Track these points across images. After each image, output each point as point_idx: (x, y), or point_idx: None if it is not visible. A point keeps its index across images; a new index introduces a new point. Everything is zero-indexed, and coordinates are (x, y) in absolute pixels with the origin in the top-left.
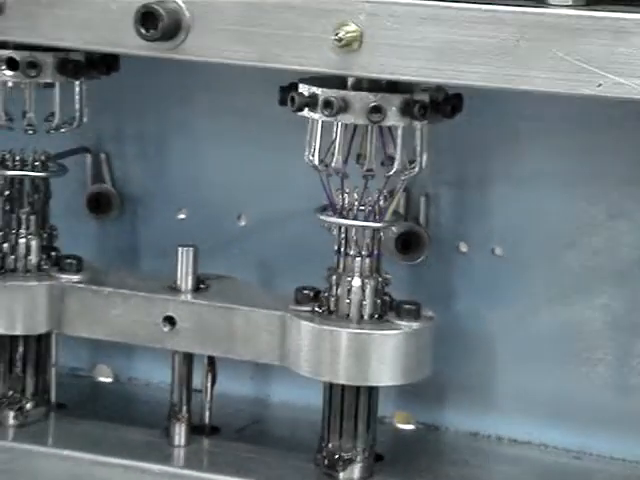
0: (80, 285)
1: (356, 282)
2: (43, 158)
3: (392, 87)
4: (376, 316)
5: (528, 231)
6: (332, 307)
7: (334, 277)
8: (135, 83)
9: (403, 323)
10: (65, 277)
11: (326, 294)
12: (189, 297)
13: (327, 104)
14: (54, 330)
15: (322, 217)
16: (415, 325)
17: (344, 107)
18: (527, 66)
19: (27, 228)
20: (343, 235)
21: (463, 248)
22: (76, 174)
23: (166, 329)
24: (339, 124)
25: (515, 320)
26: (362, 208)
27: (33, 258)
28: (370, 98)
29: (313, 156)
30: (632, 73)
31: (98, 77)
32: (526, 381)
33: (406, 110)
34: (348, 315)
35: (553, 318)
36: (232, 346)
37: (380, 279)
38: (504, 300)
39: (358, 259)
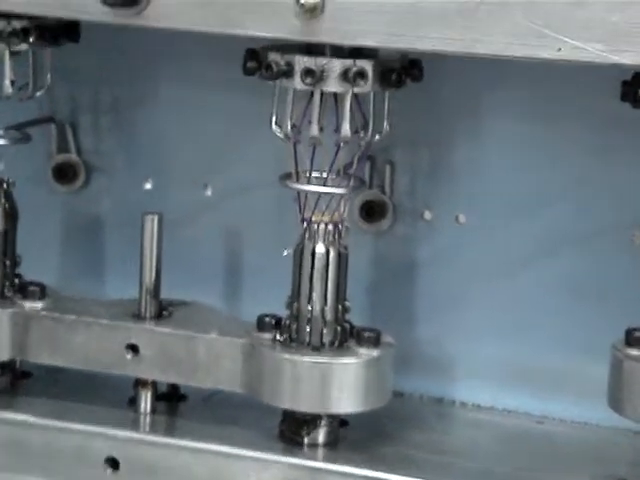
0: (43, 313)
1: (320, 249)
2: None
3: (356, 52)
4: (336, 343)
5: (491, 198)
6: (293, 335)
7: (294, 304)
8: (99, 52)
9: (363, 351)
10: (28, 304)
11: (287, 322)
12: (152, 325)
13: (308, 73)
14: (17, 357)
15: (289, 184)
16: (375, 352)
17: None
18: (487, 31)
19: None
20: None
21: (427, 216)
22: (42, 144)
23: (129, 356)
24: (316, 92)
25: (478, 287)
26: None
27: None
28: (347, 64)
29: (281, 125)
30: (591, 37)
31: (46, 46)
32: (490, 348)
33: (382, 77)
34: (309, 343)
35: (514, 285)
36: (195, 373)
37: (341, 306)
38: (467, 268)
39: (322, 226)
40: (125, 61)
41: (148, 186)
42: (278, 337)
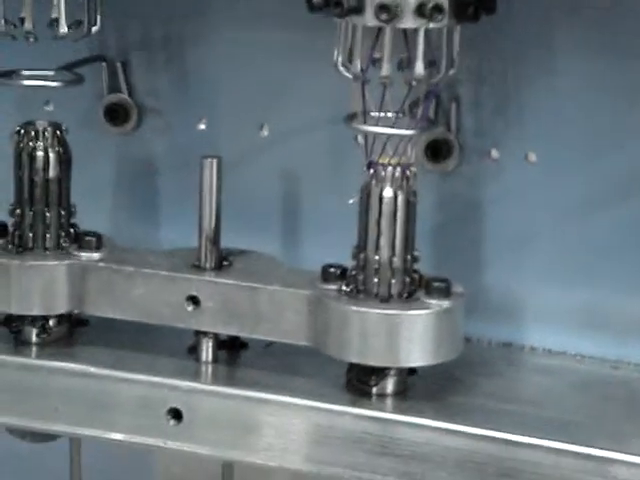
0: (101, 264)
1: (387, 192)
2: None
3: None
4: (405, 295)
5: (563, 136)
6: (360, 286)
7: (361, 254)
8: None
9: (433, 302)
10: (85, 255)
11: (353, 272)
12: (213, 275)
13: (382, 8)
14: (75, 309)
15: (357, 126)
16: (446, 303)
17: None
18: None
19: (46, 205)
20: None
21: (495, 154)
22: (91, 84)
23: (190, 308)
24: (389, 29)
25: (549, 228)
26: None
27: (52, 236)
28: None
29: (350, 64)
30: None
31: None
32: (561, 290)
33: (458, 10)
34: (377, 294)
35: (587, 225)
36: (257, 326)
37: (409, 255)
38: (536, 208)
39: (390, 170)
40: None
41: (202, 126)
42: (344, 288)
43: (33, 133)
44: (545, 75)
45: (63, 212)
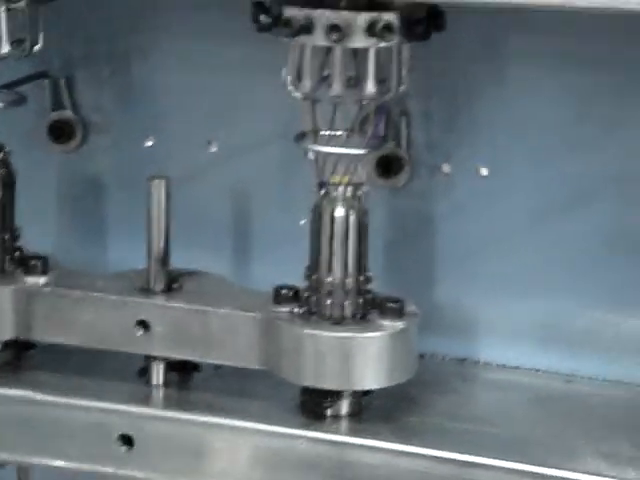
0: (47, 289)
1: (339, 212)
2: None
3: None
4: (358, 316)
5: (513, 149)
6: (312, 308)
7: (313, 276)
8: (96, 5)
9: (387, 323)
10: (31, 280)
11: (306, 294)
12: (162, 299)
13: (333, 28)
14: (20, 336)
15: (307, 145)
16: (400, 324)
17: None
18: None
19: None
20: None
21: (446, 169)
22: (35, 101)
23: (140, 333)
24: (339, 48)
25: (501, 242)
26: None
27: None
28: (373, 17)
29: (300, 84)
30: None
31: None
32: (513, 304)
33: (408, 29)
34: (330, 316)
35: (539, 240)
36: (209, 350)
37: (362, 278)
38: (488, 222)
39: (341, 189)
40: (122, 11)
41: (149, 143)
42: (297, 310)
43: None
44: (494, 89)
45: (7, 236)
